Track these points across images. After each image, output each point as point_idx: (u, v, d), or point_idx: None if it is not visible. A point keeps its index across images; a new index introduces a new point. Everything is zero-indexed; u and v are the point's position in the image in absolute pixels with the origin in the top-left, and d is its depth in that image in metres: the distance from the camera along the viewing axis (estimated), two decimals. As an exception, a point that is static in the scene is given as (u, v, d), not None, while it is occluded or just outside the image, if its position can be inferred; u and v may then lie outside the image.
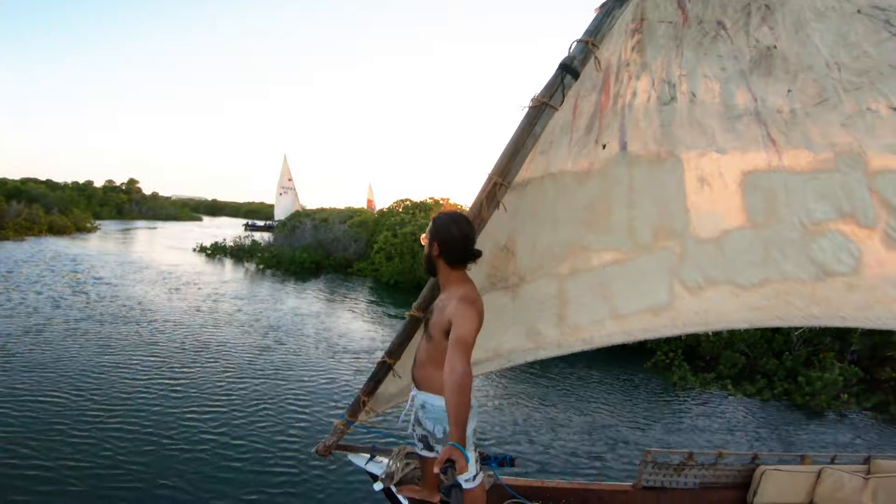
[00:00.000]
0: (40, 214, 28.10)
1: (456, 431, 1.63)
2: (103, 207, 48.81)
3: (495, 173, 2.00)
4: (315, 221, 24.97)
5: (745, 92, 2.26)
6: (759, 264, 2.38)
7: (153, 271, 16.40)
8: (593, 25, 1.99)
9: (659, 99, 2.17)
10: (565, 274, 2.27)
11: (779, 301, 2.41)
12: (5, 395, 5.68)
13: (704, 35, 2.15)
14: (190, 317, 10.42)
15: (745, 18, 2.16)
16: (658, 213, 2.26)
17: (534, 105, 1.97)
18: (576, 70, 1.97)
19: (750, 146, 2.31)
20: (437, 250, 2.01)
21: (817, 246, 2.39)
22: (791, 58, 2.23)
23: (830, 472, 2.85)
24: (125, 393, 6.12)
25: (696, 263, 2.33)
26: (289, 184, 39.99)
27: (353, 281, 18.32)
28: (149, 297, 12.12)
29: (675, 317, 2.32)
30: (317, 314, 11.88)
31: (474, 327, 1.85)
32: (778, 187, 2.35)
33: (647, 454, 2.81)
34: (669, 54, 2.12)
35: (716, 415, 7.23)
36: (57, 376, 6.43)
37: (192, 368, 7.21)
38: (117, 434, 5.02)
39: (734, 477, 2.95)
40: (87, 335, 8.41)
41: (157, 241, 29.82)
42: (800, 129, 2.32)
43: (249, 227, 43.20)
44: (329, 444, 2.61)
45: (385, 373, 2.42)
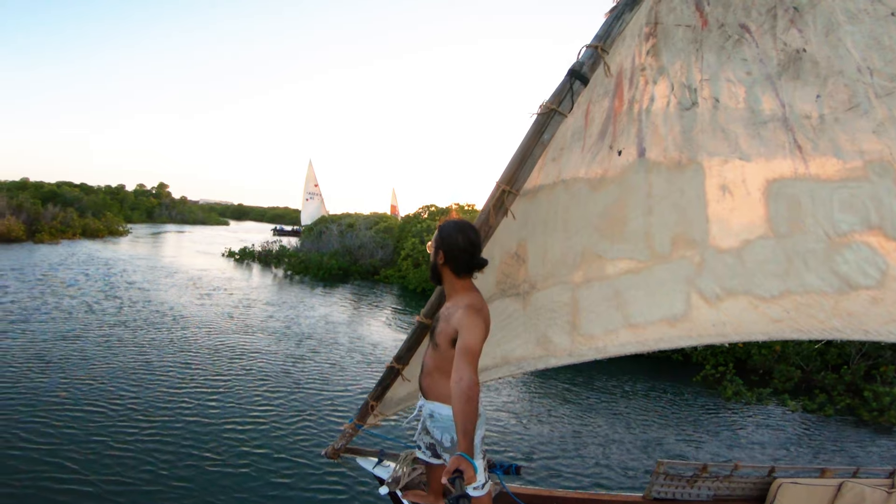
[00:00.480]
0: (74, 218, 28.72)
1: (464, 441, 1.62)
2: (134, 211, 50.64)
3: (503, 181, 1.97)
4: (341, 227, 25.07)
5: (772, 97, 2.18)
6: (780, 276, 2.31)
7: (184, 276, 16.46)
8: (603, 30, 1.94)
9: (679, 104, 2.10)
10: (579, 282, 2.23)
11: (800, 314, 2.35)
12: (44, 404, 5.63)
13: (727, 39, 2.08)
14: (223, 323, 10.35)
15: (770, 21, 2.09)
16: (677, 221, 2.20)
17: (542, 112, 1.93)
18: (585, 76, 1.93)
19: (776, 153, 2.23)
20: (443, 259, 1.99)
21: (842, 258, 2.32)
22: (821, 61, 2.16)
23: (851, 485, 2.76)
24: (162, 402, 6.04)
25: (715, 274, 2.27)
26: (315, 189, 40.51)
27: (381, 288, 18.27)
28: (181, 302, 12.07)
29: (691, 328, 2.27)
30: (348, 322, 11.77)
31: (481, 336, 1.83)
32: (803, 196, 2.28)
33: (659, 465, 2.75)
34: (689, 58, 2.06)
35: (774, 430, 7.01)
36: (94, 384, 6.38)
37: (228, 377, 7.16)
38: (156, 445, 4.96)
39: (749, 490, 2.88)
40: (123, 342, 8.37)
41: (187, 245, 30.13)
42: (828, 135, 2.24)
43: (278, 232, 44.43)
44: (338, 447, 2.63)
45: (393, 378, 2.42)
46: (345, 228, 24.73)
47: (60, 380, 6.46)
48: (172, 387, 6.58)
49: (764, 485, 2.87)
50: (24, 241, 22.94)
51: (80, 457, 4.58)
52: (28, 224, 24.81)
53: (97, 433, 5.09)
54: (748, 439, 6.56)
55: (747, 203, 2.27)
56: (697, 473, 2.78)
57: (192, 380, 6.92)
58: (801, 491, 2.76)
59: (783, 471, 2.90)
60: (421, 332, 2.27)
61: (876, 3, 2.04)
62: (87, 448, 4.76)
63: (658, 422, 6.93)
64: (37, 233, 24.15)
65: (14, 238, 22.47)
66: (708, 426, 6.97)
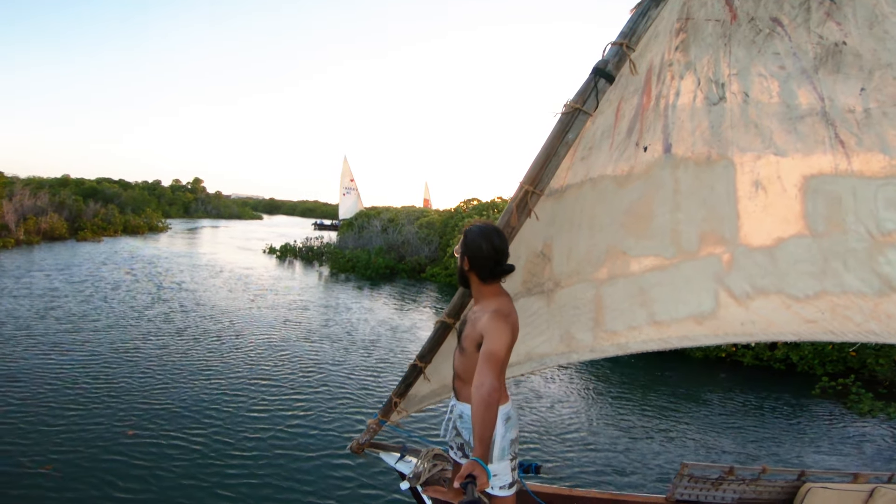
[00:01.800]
0: (115, 214, 29.01)
1: (479, 447, 1.62)
2: (172, 206, 50.72)
3: (526, 181, 1.96)
4: (383, 222, 24.22)
5: (809, 91, 2.13)
6: (816, 275, 2.26)
7: (229, 275, 16.19)
8: (628, 27, 1.92)
9: (707, 99, 2.07)
10: (603, 279, 2.23)
11: (835, 315, 2.28)
12: (110, 434, 5.19)
13: (757, 33, 2.04)
14: (283, 330, 9.82)
15: (804, 14, 2.04)
16: (705, 217, 2.17)
17: (566, 111, 1.92)
18: (610, 74, 1.90)
19: (814, 149, 2.18)
20: (468, 265, 1.97)
21: (885, 258, 2.24)
22: (865, 54, 2.09)
23: (884, 491, 2.66)
24: (230, 419, 5.64)
25: (746, 272, 2.23)
26: (351, 184, 41.06)
27: (429, 287, 17.43)
28: (235, 306, 11.62)
29: (718, 326, 2.24)
30: (410, 328, 11.02)
31: (506, 342, 1.82)
32: (845, 193, 2.21)
33: (683, 467, 2.71)
34: (717, 53, 2.03)
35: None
36: (155, 403, 5.97)
37: (302, 393, 6.67)
38: (223, 463, 4.75)
39: (777, 493, 2.81)
40: (184, 354, 7.89)
41: (225, 240, 29.77)
42: (874, 130, 2.17)
43: (318, 227, 45.55)
44: (362, 442, 2.70)
45: (416, 376, 2.46)
46: (386, 223, 23.84)
47: (120, 395, 6.11)
48: (239, 402, 6.13)
49: (792, 489, 2.79)
50: (67, 238, 23.08)
51: (138, 471, 4.56)
52: (70, 221, 25.07)
53: (157, 451, 4.86)
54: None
55: (782, 200, 2.22)
56: (723, 476, 2.72)
57: (260, 395, 6.43)
58: (832, 496, 2.67)
59: (814, 475, 2.80)
60: (443, 332, 2.29)
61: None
62: (145, 466, 4.59)
63: (789, 438, 6.26)
64: (79, 230, 24.41)
65: (57, 236, 22.62)
66: (848, 444, 6.17)
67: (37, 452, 4.70)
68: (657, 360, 8.89)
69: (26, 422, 5.29)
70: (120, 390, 6.35)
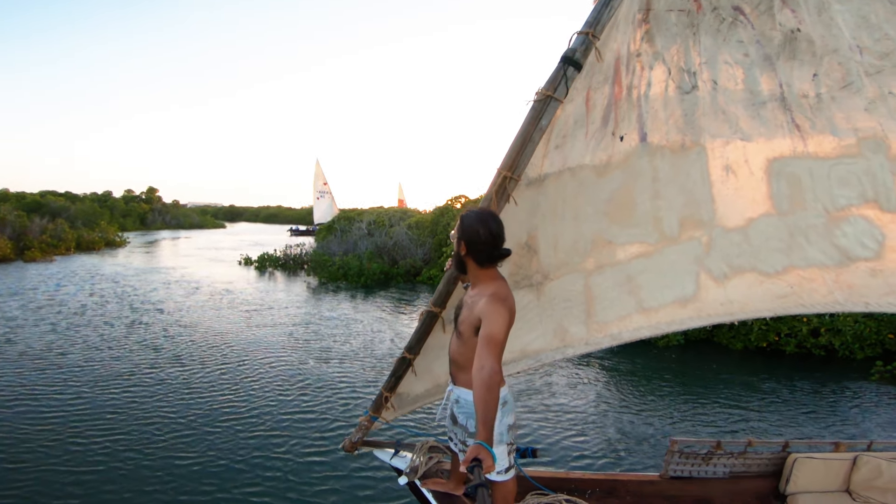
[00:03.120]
0: (66, 230, 25.53)
1: (483, 430, 1.60)
2: (127, 219, 46.19)
3: (504, 167, 1.98)
4: (370, 225, 22.10)
5: (770, 77, 2.21)
6: (783, 251, 2.35)
7: (209, 291, 14.30)
8: (592, 16, 1.96)
9: (679, 88, 2.12)
10: (591, 269, 2.23)
11: (803, 288, 2.38)
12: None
13: (721, 21, 2.10)
14: (291, 351, 8.52)
15: (766, 2, 2.11)
16: (684, 203, 2.22)
17: (538, 98, 1.94)
18: (578, 62, 1.95)
19: (776, 133, 2.26)
20: (465, 249, 1.95)
21: (841, 231, 2.36)
22: (816, 41, 2.18)
23: (867, 459, 2.76)
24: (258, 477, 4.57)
25: (723, 252, 2.29)
26: (325, 188, 40.02)
27: (429, 291, 15.47)
28: (226, 327, 10.07)
29: (700, 308, 2.29)
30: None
31: (504, 325, 1.81)
32: (803, 174, 2.31)
33: (672, 443, 2.74)
34: (686, 42, 2.07)
35: None
36: (177, 465, 4.74)
37: (333, 428, 5.65)
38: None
39: (765, 465, 2.88)
40: (185, 389, 6.57)
41: (193, 252, 26.85)
42: (825, 114, 2.28)
43: (295, 233, 43.30)
44: (355, 440, 2.61)
45: (405, 369, 2.40)
46: (372, 226, 21.79)
47: (130, 450, 4.89)
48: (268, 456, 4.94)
49: (779, 460, 2.86)
50: (13, 259, 20.26)
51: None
52: (15, 240, 22.00)
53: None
54: None
55: (750, 182, 2.29)
56: (712, 451, 2.78)
57: (315, 441, 5.28)
58: (817, 465, 2.76)
59: (797, 445, 2.89)
60: (431, 321, 2.25)
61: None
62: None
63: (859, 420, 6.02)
64: (26, 249, 21.50)
65: (1, 258, 19.81)
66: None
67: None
68: (700, 354, 8.69)
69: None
70: (121, 442, 5.07)
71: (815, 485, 2.76)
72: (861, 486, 2.75)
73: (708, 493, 2.77)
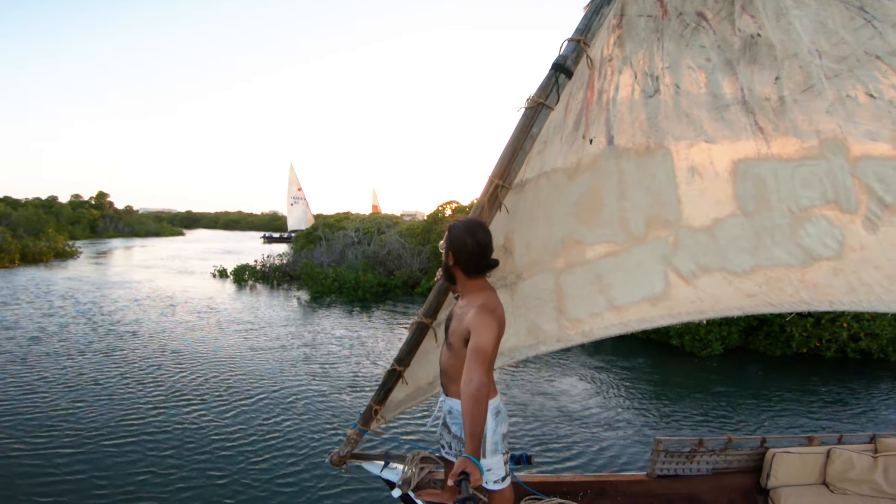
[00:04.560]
0: (8, 239, 22.11)
1: (471, 443, 1.56)
2: (75, 226, 41.36)
3: (496, 175, 1.96)
4: (359, 232, 20.34)
5: (732, 81, 2.23)
6: (750, 251, 2.36)
7: (189, 309, 12.46)
8: (583, 24, 1.96)
9: (643, 92, 2.14)
10: (561, 268, 2.23)
11: (771, 287, 2.39)
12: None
13: (685, 27, 2.12)
14: (310, 380, 7.38)
15: (727, 8, 2.14)
16: (650, 203, 2.23)
17: (530, 106, 1.93)
18: (569, 69, 1.94)
19: (739, 135, 2.28)
20: (453, 260, 1.93)
21: (804, 231, 2.37)
22: (776, 45, 2.21)
23: (839, 452, 2.81)
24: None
25: (690, 252, 2.30)
26: (299, 193, 39.20)
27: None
28: (224, 352, 8.62)
29: (671, 306, 2.29)
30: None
31: (493, 337, 1.78)
32: (767, 175, 2.33)
33: (658, 443, 2.77)
34: (651, 47, 2.09)
35: None
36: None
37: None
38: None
39: (746, 461, 2.91)
40: (198, 434, 5.39)
41: (155, 263, 24.11)
42: (788, 116, 2.30)
43: (268, 240, 41.38)
44: (343, 454, 2.54)
45: (395, 381, 2.34)
46: (362, 234, 20.09)
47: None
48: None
49: (758, 455, 2.90)
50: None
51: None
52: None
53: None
54: None
55: (716, 183, 2.31)
56: (695, 449, 2.79)
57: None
58: (795, 459, 2.80)
59: (774, 441, 2.92)
60: (421, 333, 2.21)
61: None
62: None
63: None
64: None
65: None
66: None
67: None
68: (738, 362, 8.65)
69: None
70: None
71: (794, 478, 2.80)
72: (836, 478, 2.78)
73: (694, 490, 2.78)
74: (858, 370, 8.32)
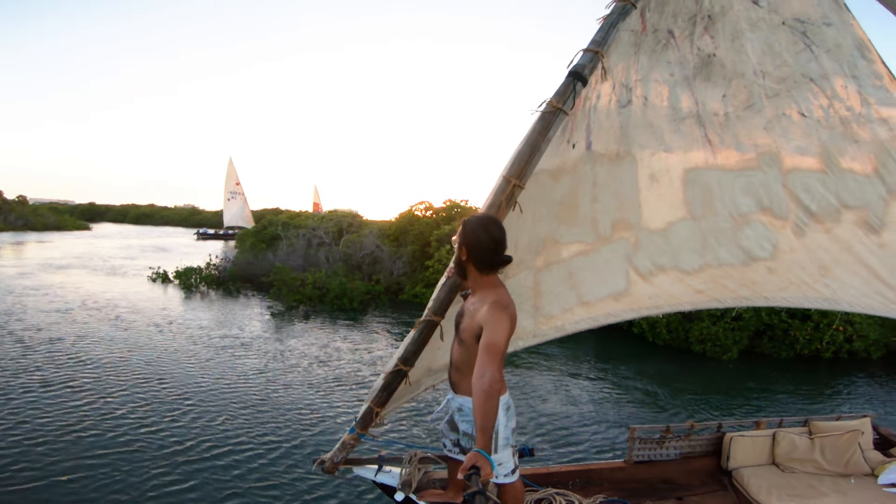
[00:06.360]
0: None
1: (482, 438, 1.54)
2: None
3: (514, 176, 1.96)
4: (327, 231, 17.88)
5: (689, 96, 2.36)
6: (698, 252, 2.53)
7: (144, 322, 9.74)
8: (600, 36, 2.02)
9: (618, 102, 2.22)
10: (540, 267, 2.28)
11: (715, 284, 2.58)
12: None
13: (658, 42, 2.22)
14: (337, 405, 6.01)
15: (691, 28, 2.25)
16: (617, 206, 2.32)
17: (548, 111, 1.96)
18: (585, 78, 2.00)
19: (692, 146, 2.42)
20: (466, 255, 1.89)
21: (744, 235, 2.57)
22: (728, 65, 2.36)
23: (783, 434, 3.06)
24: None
25: (648, 252, 2.43)
26: (237, 188, 36.46)
27: (418, 311, 9.87)
28: (211, 382, 6.57)
29: (632, 301, 2.41)
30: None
31: (506, 333, 1.76)
32: (713, 183, 2.50)
33: (632, 431, 2.91)
34: (629, 60, 2.17)
35: None
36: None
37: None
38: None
39: (707, 445, 3.10)
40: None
41: (71, 262, 19.32)
42: (731, 130, 2.47)
43: (203, 236, 36.49)
44: (338, 460, 2.39)
45: (400, 381, 2.24)
46: (332, 234, 17.73)
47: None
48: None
49: (717, 439, 3.11)
50: None
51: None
52: None
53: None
54: None
55: (671, 190, 2.45)
56: (664, 435, 2.97)
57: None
58: (748, 442, 3.03)
59: (728, 426, 3.15)
60: (429, 331, 2.14)
61: (772, 13, 2.28)
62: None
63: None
64: None
65: None
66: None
67: None
68: (755, 364, 8.92)
69: None
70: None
71: (749, 459, 3.01)
72: (783, 458, 3.02)
73: (667, 474, 2.93)
74: (847, 368, 8.97)
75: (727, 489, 2.88)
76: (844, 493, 2.72)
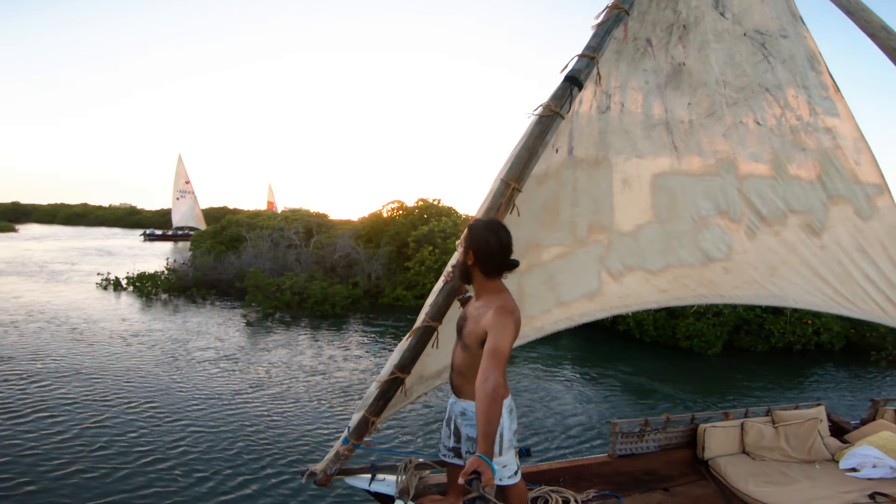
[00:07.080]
0: None
1: (484, 443, 1.52)
2: None
3: (513, 179, 1.94)
4: (296, 232, 16.78)
5: (660, 104, 2.42)
6: (663, 253, 2.62)
7: (102, 336, 8.69)
8: (596, 42, 2.02)
9: (598, 108, 2.24)
10: (523, 270, 2.28)
11: (677, 283, 2.70)
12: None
13: (637, 51, 2.26)
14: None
15: (667, 37, 2.31)
16: (593, 210, 2.36)
17: (546, 114, 1.94)
18: (581, 82, 2.00)
19: (661, 152, 2.50)
20: (472, 259, 1.84)
21: (703, 237, 2.69)
22: (694, 74, 2.44)
23: (751, 424, 3.20)
24: None
25: (619, 253, 2.50)
26: (186, 186, 34.07)
27: (401, 314, 12.31)
28: (204, 409, 5.71)
29: (604, 301, 2.48)
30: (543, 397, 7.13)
31: (510, 338, 1.73)
32: (677, 187, 2.59)
33: (613, 426, 2.98)
34: (610, 67, 2.20)
35: None
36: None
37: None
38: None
39: (683, 436, 3.21)
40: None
41: (2, 270, 16.59)
42: (695, 137, 2.56)
43: (150, 237, 33.79)
44: (331, 471, 2.28)
45: (396, 389, 2.17)
46: (300, 235, 16.57)
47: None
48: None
49: (691, 431, 3.22)
50: None
51: None
52: None
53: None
54: None
55: (640, 194, 2.51)
56: (643, 428, 3.06)
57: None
58: (720, 432, 3.15)
59: (700, 417, 3.26)
60: (426, 337, 2.08)
61: (735, 24, 2.37)
62: None
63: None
64: None
65: None
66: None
67: None
68: (737, 358, 9.16)
69: None
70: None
71: (723, 449, 3.13)
72: (752, 447, 3.16)
73: (650, 466, 3.00)
74: (816, 359, 9.48)
75: (706, 478, 3.00)
76: (813, 479, 2.88)
